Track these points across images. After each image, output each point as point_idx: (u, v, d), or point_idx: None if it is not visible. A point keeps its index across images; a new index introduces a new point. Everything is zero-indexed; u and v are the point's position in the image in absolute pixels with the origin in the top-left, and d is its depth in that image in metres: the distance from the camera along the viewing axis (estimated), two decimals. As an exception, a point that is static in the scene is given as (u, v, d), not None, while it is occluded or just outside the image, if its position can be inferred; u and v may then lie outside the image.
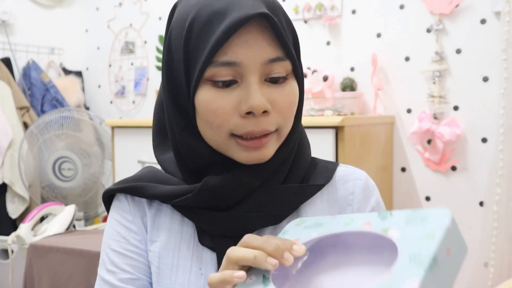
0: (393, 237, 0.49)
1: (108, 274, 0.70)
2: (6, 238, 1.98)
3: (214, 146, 0.67)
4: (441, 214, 0.48)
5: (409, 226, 0.49)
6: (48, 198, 2.65)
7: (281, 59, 0.64)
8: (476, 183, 2.10)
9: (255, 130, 0.63)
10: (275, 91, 0.64)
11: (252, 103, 0.61)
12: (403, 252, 0.46)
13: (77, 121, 2.64)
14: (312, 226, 0.58)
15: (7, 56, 2.90)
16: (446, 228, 0.46)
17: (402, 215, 0.52)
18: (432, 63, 2.15)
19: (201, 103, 0.64)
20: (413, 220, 0.50)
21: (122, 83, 3.16)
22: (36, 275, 1.79)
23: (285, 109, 0.65)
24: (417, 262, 0.44)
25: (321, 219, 0.59)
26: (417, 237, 0.47)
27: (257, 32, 0.62)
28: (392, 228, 0.50)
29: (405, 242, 0.47)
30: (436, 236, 0.45)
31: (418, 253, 0.45)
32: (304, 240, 0.57)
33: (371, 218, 0.54)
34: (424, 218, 0.49)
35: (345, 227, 0.55)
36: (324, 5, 2.40)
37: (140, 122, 2.47)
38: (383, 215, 0.53)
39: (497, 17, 2.02)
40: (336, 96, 2.23)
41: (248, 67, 0.62)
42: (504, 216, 1.94)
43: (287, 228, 0.61)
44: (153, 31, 3.01)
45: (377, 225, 0.52)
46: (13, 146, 2.62)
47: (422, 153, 2.20)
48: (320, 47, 2.44)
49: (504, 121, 1.95)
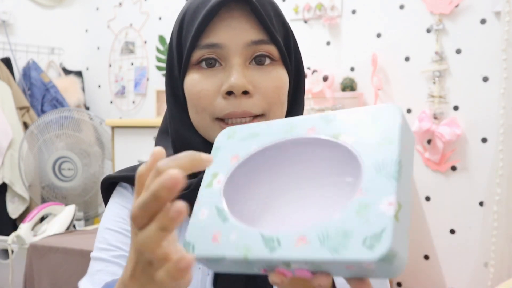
0: (347, 143, 0.46)
1: (100, 252, 0.68)
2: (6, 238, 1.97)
3: (204, 134, 0.67)
4: (392, 111, 0.46)
5: (361, 129, 0.46)
6: (48, 198, 2.65)
7: (265, 42, 0.64)
8: (476, 183, 2.10)
9: (236, 112, 0.63)
10: (260, 74, 0.64)
11: (231, 82, 0.62)
12: (365, 162, 0.43)
13: (77, 121, 2.64)
14: (248, 136, 0.52)
15: (7, 56, 2.90)
16: (400, 126, 0.44)
17: (350, 117, 0.47)
18: (432, 63, 2.15)
19: (187, 87, 0.66)
20: (363, 122, 0.46)
21: (122, 83, 3.16)
22: (36, 275, 1.79)
23: (270, 93, 0.64)
24: (385, 172, 0.42)
25: (255, 127, 0.53)
26: (374, 141, 0.44)
27: (241, 16, 0.64)
28: (343, 132, 0.46)
29: (363, 149, 0.44)
30: (394, 138, 0.43)
31: (382, 161, 0.42)
32: (244, 155, 0.51)
33: (314, 122, 0.49)
34: (374, 118, 0.46)
35: (287, 135, 0.50)
36: (324, 5, 2.40)
37: (140, 122, 2.47)
38: (327, 117, 0.48)
39: (497, 17, 2.02)
40: (336, 96, 2.23)
41: (230, 49, 0.63)
42: (504, 216, 1.94)
43: (219, 142, 0.54)
44: (153, 31, 3.01)
45: (324, 130, 0.48)
46: (13, 146, 2.62)
47: (422, 153, 2.20)
48: (320, 47, 2.44)
49: (504, 121, 1.95)
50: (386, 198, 0.40)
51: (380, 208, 0.40)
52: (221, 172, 0.51)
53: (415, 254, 2.26)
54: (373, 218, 0.40)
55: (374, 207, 0.40)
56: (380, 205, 0.40)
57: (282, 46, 0.66)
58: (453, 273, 2.17)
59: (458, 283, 2.17)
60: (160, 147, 0.46)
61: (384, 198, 0.40)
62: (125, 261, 0.66)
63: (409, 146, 0.46)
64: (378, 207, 0.40)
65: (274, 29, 0.65)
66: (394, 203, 0.40)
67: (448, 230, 2.18)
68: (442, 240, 2.20)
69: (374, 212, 0.40)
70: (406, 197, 0.42)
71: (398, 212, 0.40)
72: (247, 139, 0.52)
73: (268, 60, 0.65)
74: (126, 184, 0.73)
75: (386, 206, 0.40)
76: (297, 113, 0.71)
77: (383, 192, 0.41)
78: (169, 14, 2.95)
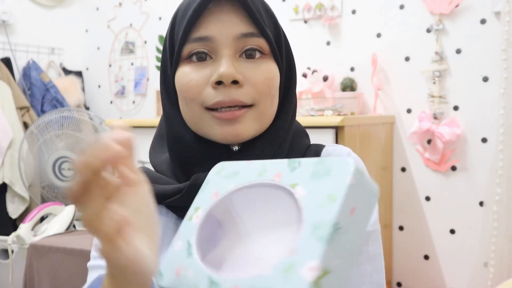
0: (299, 196, 0.45)
1: (96, 260, 0.69)
2: (6, 238, 1.97)
3: (195, 128, 0.68)
4: (343, 166, 0.44)
5: (314, 182, 0.45)
6: (48, 198, 2.65)
7: (255, 35, 0.65)
8: (476, 183, 2.10)
9: (225, 100, 0.63)
10: (250, 66, 0.65)
11: (220, 71, 0.62)
12: (306, 219, 0.42)
13: (77, 121, 2.64)
14: (230, 175, 0.53)
15: (7, 56, 2.90)
16: (348, 185, 0.42)
17: (309, 166, 0.47)
18: (432, 63, 2.15)
19: (177, 80, 0.67)
20: (318, 174, 0.45)
21: (122, 83, 3.16)
22: (36, 275, 1.79)
23: (260, 83, 0.65)
24: (318, 233, 0.40)
25: (239, 166, 0.54)
26: (320, 198, 0.43)
27: (230, 10, 0.65)
28: (299, 183, 0.46)
29: (309, 205, 0.43)
30: (338, 197, 0.41)
31: (321, 220, 0.41)
32: (222, 193, 0.52)
33: (282, 168, 0.49)
34: (327, 171, 0.45)
35: (258, 178, 0.50)
36: (324, 5, 2.40)
37: (140, 122, 2.47)
38: (292, 164, 0.48)
39: (497, 17, 2.02)
40: (336, 96, 2.23)
41: (220, 41, 0.64)
42: (504, 216, 1.94)
43: (210, 177, 0.57)
44: (153, 31, 3.01)
45: (286, 178, 0.48)
46: (13, 146, 2.62)
47: (422, 153, 2.20)
48: (320, 47, 2.44)
49: (504, 121, 1.95)
50: (309, 262, 0.39)
51: (302, 272, 0.39)
52: (202, 207, 0.53)
53: (415, 254, 2.26)
54: (294, 281, 0.39)
55: (297, 270, 0.39)
56: (303, 268, 0.39)
57: (272, 40, 0.66)
58: (453, 273, 2.17)
59: (458, 283, 2.17)
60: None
61: (307, 262, 0.39)
62: None
63: (360, 208, 0.43)
64: (300, 270, 0.39)
65: (263, 23, 0.66)
66: (316, 268, 0.38)
67: (448, 230, 2.18)
68: (442, 240, 2.20)
69: (296, 275, 0.39)
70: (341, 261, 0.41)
71: (321, 278, 0.39)
72: (229, 177, 0.53)
73: (258, 54, 0.66)
74: None
75: (307, 271, 0.39)
76: (289, 109, 0.71)
77: (309, 255, 0.40)
78: (169, 14, 2.95)
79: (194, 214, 0.53)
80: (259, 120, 0.66)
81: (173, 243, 0.52)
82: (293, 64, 0.72)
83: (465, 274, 2.12)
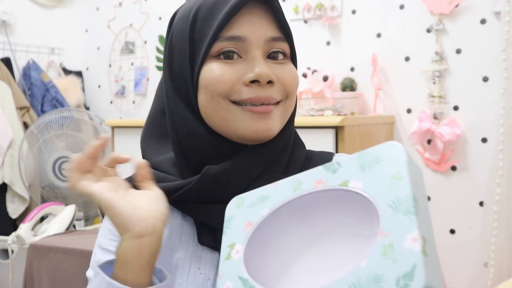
0: (357, 188, 0.45)
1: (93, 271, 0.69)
2: (6, 238, 1.97)
3: (219, 122, 0.67)
4: (394, 149, 0.45)
5: (366, 172, 0.45)
6: (48, 198, 2.65)
7: (282, 40, 0.68)
8: (476, 183, 2.10)
9: (261, 96, 0.65)
10: (277, 68, 0.68)
11: (259, 72, 0.65)
12: (379, 203, 0.43)
13: (77, 121, 2.64)
14: (257, 202, 0.52)
15: (7, 56, 2.90)
16: (406, 162, 0.44)
17: (353, 162, 0.47)
18: (432, 63, 2.15)
19: (204, 76, 0.66)
20: (367, 164, 0.46)
21: (122, 83, 3.16)
22: (36, 275, 1.79)
23: (289, 82, 0.68)
24: (402, 209, 0.41)
25: (262, 192, 0.52)
26: (383, 181, 0.44)
27: (261, 13, 0.67)
28: (351, 179, 0.46)
29: (374, 191, 0.44)
30: (403, 175, 0.43)
31: (397, 199, 0.42)
32: (258, 220, 0.50)
33: (320, 174, 0.49)
34: (378, 158, 0.45)
35: (296, 193, 0.49)
36: (324, 5, 2.40)
37: (140, 122, 2.47)
38: (331, 167, 0.48)
39: (497, 17, 2.02)
40: (336, 96, 2.23)
41: (252, 42, 0.66)
42: (504, 216, 1.94)
43: (229, 213, 0.55)
44: (153, 31, 3.01)
45: (331, 180, 0.48)
46: (13, 146, 2.62)
47: (422, 153, 2.20)
48: (320, 47, 2.44)
49: (504, 121, 1.95)
50: (409, 234, 0.40)
51: (406, 246, 0.39)
52: (238, 242, 0.51)
53: (415, 254, 2.26)
54: (401, 257, 0.39)
55: (399, 246, 0.40)
56: (405, 242, 0.40)
57: (293, 44, 0.71)
58: (453, 273, 2.17)
59: (458, 283, 2.17)
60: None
61: (407, 235, 0.40)
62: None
63: (419, 181, 0.45)
64: (403, 245, 0.40)
65: (288, 28, 0.69)
66: (418, 238, 0.39)
67: (448, 230, 2.18)
68: (442, 240, 2.19)
69: (400, 251, 0.39)
70: (428, 230, 0.42)
71: (425, 246, 0.39)
72: (257, 204, 0.52)
73: (281, 56, 0.69)
74: None
75: (411, 243, 0.39)
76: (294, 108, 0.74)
77: (404, 229, 0.40)
78: (169, 14, 2.94)
79: (232, 251, 0.51)
80: (283, 116, 0.69)
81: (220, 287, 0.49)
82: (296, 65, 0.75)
83: (465, 274, 2.11)
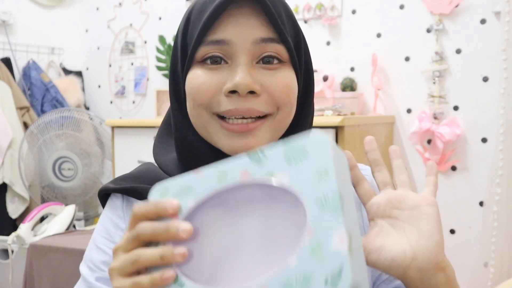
0: (283, 183, 0.44)
1: (87, 270, 0.69)
2: (6, 238, 1.97)
3: (204, 134, 0.65)
4: (319, 142, 0.44)
5: (293, 165, 0.44)
6: (48, 198, 2.65)
7: (274, 41, 0.61)
8: (476, 183, 2.10)
9: (239, 108, 0.60)
10: (268, 74, 0.61)
11: (236, 81, 0.59)
12: (306, 200, 0.42)
13: (77, 121, 2.64)
14: (181, 192, 0.49)
15: (7, 56, 2.90)
16: (332, 157, 0.43)
17: (279, 153, 0.45)
18: (432, 63, 2.15)
19: (188, 83, 0.63)
20: (293, 157, 0.44)
21: (122, 83, 3.16)
22: (36, 275, 1.79)
23: (278, 92, 0.61)
24: (329, 205, 0.41)
25: (185, 181, 0.49)
26: (310, 176, 0.43)
27: (250, 13, 0.61)
28: (276, 172, 0.45)
29: (301, 186, 0.43)
30: (329, 171, 0.42)
31: (323, 196, 0.42)
32: (184, 213, 0.48)
33: (245, 165, 0.46)
34: (304, 151, 0.44)
35: (221, 184, 0.47)
36: (324, 5, 2.40)
37: (140, 122, 2.47)
38: (255, 157, 0.46)
39: (497, 17, 2.02)
40: (336, 96, 2.23)
41: (237, 46, 0.60)
42: (504, 216, 1.94)
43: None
44: (153, 31, 3.01)
45: (256, 173, 0.46)
46: (13, 146, 2.62)
47: (422, 153, 2.20)
48: (320, 47, 2.44)
49: (504, 121, 1.95)
50: (336, 233, 0.40)
51: (333, 245, 0.40)
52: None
53: (415, 254, 2.26)
54: (328, 256, 0.40)
55: (327, 245, 0.40)
56: (332, 241, 0.40)
57: (291, 47, 0.63)
58: (453, 273, 2.17)
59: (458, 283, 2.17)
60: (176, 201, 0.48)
61: (334, 234, 0.40)
62: (105, 284, 0.66)
63: (344, 173, 0.45)
64: (330, 244, 0.40)
65: (284, 28, 0.62)
66: (344, 236, 0.40)
67: (448, 230, 2.18)
68: (442, 240, 2.19)
69: (328, 250, 0.40)
70: (353, 225, 0.42)
71: (351, 244, 0.40)
72: (181, 194, 0.49)
73: (276, 61, 0.62)
74: (118, 194, 0.72)
75: (338, 242, 0.40)
76: (307, 117, 0.69)
77: (331, 227, 0.41)
78: (169, 14, 2.95)
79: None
80: (274, 130, 0.63)
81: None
82: (311, 72, 0.69)
83: (465, 274, 2.11)
